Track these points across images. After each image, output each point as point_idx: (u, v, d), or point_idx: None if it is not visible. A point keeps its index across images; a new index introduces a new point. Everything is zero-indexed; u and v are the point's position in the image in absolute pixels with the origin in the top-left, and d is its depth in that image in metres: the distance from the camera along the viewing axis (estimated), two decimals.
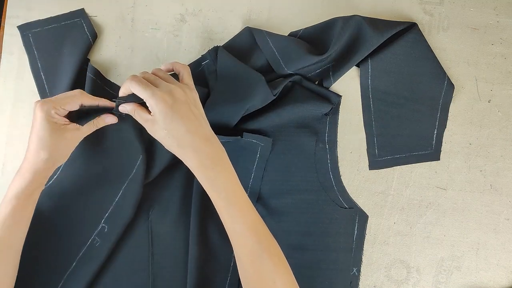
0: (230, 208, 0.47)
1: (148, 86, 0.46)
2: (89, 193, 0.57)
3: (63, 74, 0.61)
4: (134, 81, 0.46)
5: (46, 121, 0.47)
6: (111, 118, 0.53)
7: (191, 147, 0.46)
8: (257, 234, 0.46)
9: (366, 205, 0.60)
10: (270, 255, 0.46)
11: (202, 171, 0.47)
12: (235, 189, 0.48)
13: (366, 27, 0.58)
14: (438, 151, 0.60)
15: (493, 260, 0.59)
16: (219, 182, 0.47)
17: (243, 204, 0.48)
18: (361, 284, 0.59)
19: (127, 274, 0.57)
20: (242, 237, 0.46)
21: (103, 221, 0.56)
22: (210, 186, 0.47)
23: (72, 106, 0.49)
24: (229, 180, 0.48)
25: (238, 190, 0.48)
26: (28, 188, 0.48)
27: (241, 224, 0.46)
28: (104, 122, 0.53)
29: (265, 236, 0.47)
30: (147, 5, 0.64)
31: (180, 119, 0.46)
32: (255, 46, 0.61)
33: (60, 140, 0.49)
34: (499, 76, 0.61)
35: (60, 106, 0.48)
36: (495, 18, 0.61)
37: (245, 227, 0.46)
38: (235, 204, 0.47)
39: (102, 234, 0.56)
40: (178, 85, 0.48)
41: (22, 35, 0.63)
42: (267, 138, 0.59)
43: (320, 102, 0.59)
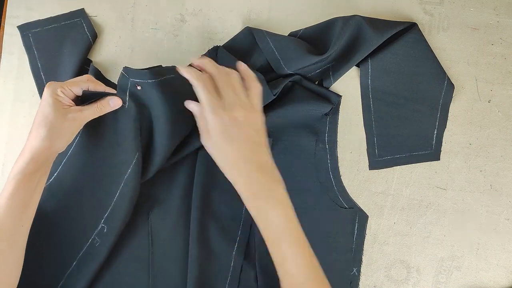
0: (281, 245, 0.43)
1: (212, 96, 0.44)
2: (88, 193, 0.57)
3: (63, 74, 0.61)
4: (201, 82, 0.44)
5: (51, 97, 0.48)
6: (116, 101, 0.51)
7: (241, 173, 0.44)
8: (310, 278, 0.43)
9: (366, 205, 0.60)
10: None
11: (250, 200, 0.44)
12: (287, 225, 0.44)
13: (366, 27, 0.58)
14: (438, 151, 0.60)
15: (493, 260, 0.59)
16: (269, 214, 0.44)
17: (297, 242, 0.44)
18: (361, 284, 0.59)
19: (127, 274, 0.57)
20: (292, 278, 0.43)
21: (103, 221, 0.56)
22: (259, 217, 0.44)
23: (78, 89, 0.50)
24: (281, 214, 0.44)
25: (291, 226, 0.44)
26: (27, 168, 0.47)
27: (292, 263, 0.43)
28: (109, 105, 0.51)
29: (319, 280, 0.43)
30: (147, 5, 0.64)
31: (232, 144, 0.44)
32: (255, 46, 0.61)
33: (62, 120, 0.48)
34: (499, 76, 0.61)
35: (67, 86, 0.49)
36: (495, 18, 0.61)
37: (296, 268, 0.43)
38: (287, 241, 0.43)
39: (102, 234, 0.55)
40: (243, 105, 0.45)
41: (22, 35, 0.63)
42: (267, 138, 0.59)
43: (320, 102, 0.59)
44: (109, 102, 0.51)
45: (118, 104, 0.52)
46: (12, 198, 0.46)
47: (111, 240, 0.56)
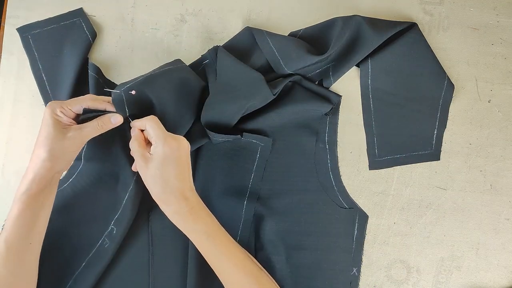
0: (214, 249, 0.49)
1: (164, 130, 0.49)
2: (99, 195, 0.57)
3: (65, 74, 0.61)
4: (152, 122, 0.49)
5: (51, 117, 0.49)
6: (117, 118, 0.52)
7: (177, 194, 0.48)
8: (245, 269, 0.48)
9: (366, 205, 0.60)
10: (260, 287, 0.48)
11: (182, 218, 0.48)
12: (215, 231, 0.50)
13: (366, 27, 0.58)
14: (438, 151, 0.60)
15: (493, 260, 0.59)
16: (198, 226, 0.49)
17: (227, 243, 0.49)
18: (361, 284, 0.59)
19: (127, 274, 0.57)
20: (230, 275, 0.48)
21: (113, 223, 0.56)
22: (191, 231, 0.49)
23: (79, 107, 0.50)
24: (209, 224, 0.50)
25: (218, 231, 0.50)
26: (30, 189, 0.48)
27: (227, 261, 0.49)
28: (110, 122, 0.52)
29: (253, 270, 0.49)
30: (147, 5, 0.64)
31: (177, 166, 0.48)
32: (255, 46, 0.61)
33: (62, 139, 0.49)
34: (499, 76, 0.61)
35: (67, 106, 0.50)
36: (495, 18, 0.61)
37: (231, 265, 0.48)
38: (219, 244, 0.49)
39: (111, 235, 0.56)
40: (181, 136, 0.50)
41: (22, 37, 0.63)
42: (267, 138, 0.59)
43: (320, 102, 0.59)
44: (111, 119, 0.52)
45: (120, 121, 0.52)
46: (18, 219, 0.47)
47: (118, 242, 0.56)
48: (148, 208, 0.59)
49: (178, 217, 0.48)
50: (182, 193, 0.48)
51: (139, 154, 0.49)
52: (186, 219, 0.48)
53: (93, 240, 0.56)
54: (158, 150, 0.47)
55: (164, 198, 0.48)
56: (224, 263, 0.49)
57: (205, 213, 0.50)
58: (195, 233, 0.49)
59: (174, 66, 0.57)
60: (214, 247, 0.49)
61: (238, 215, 0.58)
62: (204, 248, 0.49)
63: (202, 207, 0.50)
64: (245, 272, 0.48)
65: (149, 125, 0.49)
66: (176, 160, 0.48)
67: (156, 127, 0.49)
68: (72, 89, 0.59)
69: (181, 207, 0.48)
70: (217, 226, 0.50)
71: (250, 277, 0.48)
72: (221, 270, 0.49)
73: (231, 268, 0.48)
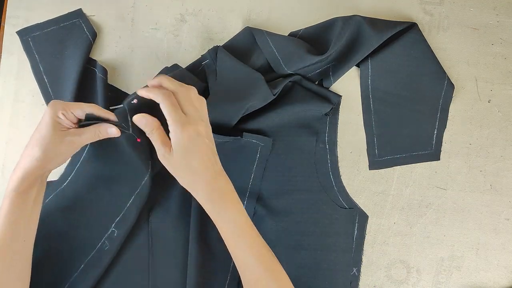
0: (239, 240, 0.47)
1: (177, 109, 0.46)
2: (101, 196, 0.57)
3: (67, 76, 0.61)
4: (167, 100, 0.46)
5: (51, 118, 0.47)
6: (114, 130, 0.50)
7: (204, 181, 0.47)
8: (265, 263, 0.47)
9: (366, 205, 0.60)
10: (278, 285, 0.46)
11: (211, 204, 0.47)
12: (243, 221, 0.48)
13: (366, 27, 0.58)
14: (438, 151, 0.60)
15: (493, 260, 0.59)
16: (228, 214, 0.47)
17: (251, 235, 0.48)
18: (361, 284, 0.59)
19: (127, 274, 0.57)
20: (251, 267, 0.47)
21: (114, 225, 0.56)
22: (220, 218, 0.48)
23: (81, 112, 0.49)
24: (237, 211, 0.48)
25: (246, 221, 0.48)
26: (20, 186, 0.47)
27: (250, 255, 0.47)
28: (106, 133, 0.50)
29: (273, 265, 0.47)
30: (147, 5, 0.64)
31: (199, 153, 0.47)
32: (255, 46, 0.61)
33: (59, 142, 0.48)
34: (499, 76, 0.61)
35: (69, 109, 0.48)
36: (495, 18, 0.61)
37: (254, 257, 0.47)
38: (245, 235, 0.48)
39: (112, 238, 0.55)
40: (202, 118, 0.48)
41: (22, 40, 0.63)
42: (267, 138, 0.59)
43: (320, 102, 0.59)
44: (107, 130, 0.50)
45: (115, 134, 0.50)
46: (8, 216, 0.47)
47: (119, 244, 0.56)
48: (148, 208, 0.59)
49: (210, 206, 0.47)
50: (211, 180, 0.47)
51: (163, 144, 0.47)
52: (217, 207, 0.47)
53: (93, 242, 0.56)
54: (176, 140, 0.46)
55: (194, 187, 0.47)
56: (246, 255, 0.47)
57: (235, 200, 0.49)
58: (223, 222, 0.48)
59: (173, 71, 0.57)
60: (239, 239, 0.47)
61: None
62: (229, 238, 0.48)
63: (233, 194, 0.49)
64: (266, 266, 0.47)
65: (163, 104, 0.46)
66: (197, 146, 0.46)
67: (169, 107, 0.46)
68: (75, 90, 0.59)
69: (211, 194, 0.47)
70: (245, 216, 0.49)
71: (269, 271, 0.47)
72: (242, 262, 0.47)
73: (252, 261, 0.47)
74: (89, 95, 0.61)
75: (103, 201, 0.57)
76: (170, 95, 0.47)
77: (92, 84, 0.61)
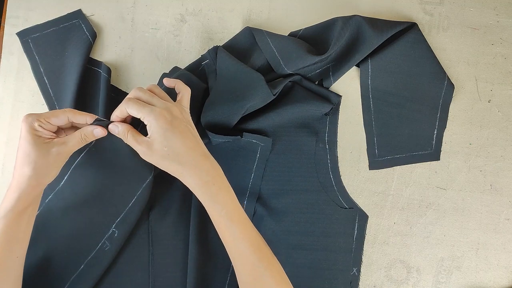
0: (232, 226, 0.46)
1: (145, 104, 0.46)
2: (101, 197, 0.56)
3: (67, 76, 0.61)
4: (130, 102, 0.46)
5: (29, 133, 0.45)
6: (99, 131, 0.49)
7: (192, 163, 0.46)
8: (259, 252, 0.46)
9: (366, 205, 0.60)
10: (272, 273, 0.46)
11: (202, 188, 0.46)
12: (235, 207, 0.48)
13: (366, 27, 0.58)
14: (438, 151, 0.60)
15: (493, 260, 0.59)
16: (219, 198, 0.47)
17: (244, 222, 0.47)
18: (361, 284, 0.59)
19: (127, 274, 0.57)
20: (243, 255, 0.46)
21: (114, 226, 0.55)
22: (211, 203, 0.47)
23: (58, 120, 0.47)
24: (229, 197, 0.48)
25: (238, 207, 0.48)
26: (17, 207, 0.46)
27: (242, 241, 0.46)
28: (93, 135, 0.49)
29: (267, 254, 0.47)
30: (147, 5, 0.64)
31: (180, 135, 0.46)
32: (255, 46, 0.61)
33: (46, 156, 0.46)
34: (499, 76, 0.61)
35: (44, 119, 0.46)
36: (495, 18, 0.61)
37: (247, 245, 0.46)
38: (237, 221, 0.47)
39: (112, 238, 0.55)
40: (174, 104, 0.48)
41: (22, 41, 0.63)
42: (267, 138, 0.59)
43: (320, 102, 0.59)
44: (93, 132, 0.48)
45: (102, 133, 0.49)
46: (4, 236, 0.46)
47: (119, 244, 0.56)
48: (148, 208, 0.58)
49: (201, 190, 0.46)
50: (198, 162, 0.46)
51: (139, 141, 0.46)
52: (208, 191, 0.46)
53: (93, 242, 0.55)
54: (153, 127, 0.45)
55: (182, 172, 0.46)
56: (239, 242, 0.46)
57: (226, 186, 0.48)
58: (215, 207, 0.46)
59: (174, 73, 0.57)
60: (232, 224, 0.46)
61: None
62: (221, 224, 0.47)
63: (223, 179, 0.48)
64: (260, 255, 0.46)
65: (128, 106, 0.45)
66: (175, 127, 0.45)
67: (136, 106, 0.45)
68: (76, 91, 0.59)
69: (200, 176, 0.46)
70: (237, 202, 0.48)
71: (263, 261, 0.46)
72: (235, 249, 0.47)
73: (246, 249, 0.46)
74: (91, 95, 0.61)
75: (104, 202, 0.56)
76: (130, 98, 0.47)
77: (93, 85, 0.61)
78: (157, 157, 0.46)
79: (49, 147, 0.46)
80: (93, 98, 0.60)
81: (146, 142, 0.46)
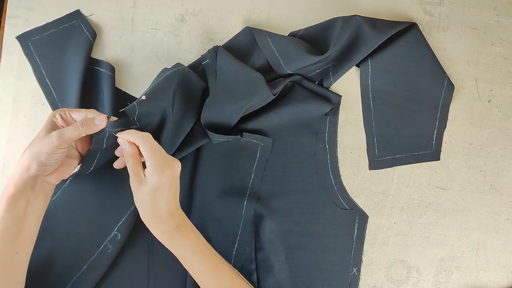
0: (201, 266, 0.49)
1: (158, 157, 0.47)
2: (105, 198, 0.56)
3: (69, 77, 0.61)
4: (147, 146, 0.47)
5: (47, 119, 0.48)
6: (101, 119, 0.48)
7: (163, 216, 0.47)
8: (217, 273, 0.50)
9: (366, 205, 0.60)
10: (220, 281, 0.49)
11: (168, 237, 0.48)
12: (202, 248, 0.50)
13: (366, 27, 0.58)
14: (438, 151, 0.60)
15: (493, 260, 0.59)
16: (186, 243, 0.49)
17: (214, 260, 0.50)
18: (361, 284, 0.59)
19: (127, 274, 0.57)
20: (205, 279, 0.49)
21: (116, 229, 0.55)
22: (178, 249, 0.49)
23: (78, 115, 0.49)
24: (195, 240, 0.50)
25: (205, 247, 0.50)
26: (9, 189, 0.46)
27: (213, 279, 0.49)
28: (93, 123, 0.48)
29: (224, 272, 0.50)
30: (147, 5, 0.64)
31: (169, 194, 0.47)
32: (255, 46, 0.61)
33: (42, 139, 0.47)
34: (499, 76, 0.61)
35: (68, 111, 0.49)
36: (495, 18, 0.61)
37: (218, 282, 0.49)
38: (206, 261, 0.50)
39: (114, 241, 0.55)
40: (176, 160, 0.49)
41: (22, 44, 0.63)
42: (267, 138, 0.59)
43: (320, 102, 0.59)
44: (95, 120, 0.48)
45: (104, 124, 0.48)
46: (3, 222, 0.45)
47: (120, 247, 0.56)
48: None
49: (165, 237, 0.48)
50: (169, 214, 0.48)
51: (135, 173, 0.48)
52: (173, 237, 0.48)
53: (96, 243, 0.55)
54: (154, 178, 0.46)
55: (151, 221, 0.48)
56: (210, 280, 0.49)
57: (191, 230, 0.50)
58: (182, 249, 0.49)
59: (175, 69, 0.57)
60: (201, 264, 0.49)
61: (238, 215, 0.58)
62: (191, 265, 0.49)
63: (188, 223, 0.50)
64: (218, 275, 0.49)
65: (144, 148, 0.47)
66: (168, 187, 0.47)
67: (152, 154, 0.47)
68: (79, 91, 0.59)
69: (167, 226, 0.48)
70: (204, 243, 0.51)
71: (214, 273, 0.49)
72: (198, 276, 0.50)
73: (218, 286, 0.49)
74: (95, 95, 0.61)
75: (108, 204, 0.56)
76: (148, 137, 0.48)
77: (97, 84, 0.61)
78: (139, 198, 0.48)
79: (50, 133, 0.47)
80: (97, 98, 0.60)
81: (140, 179, 0.47)
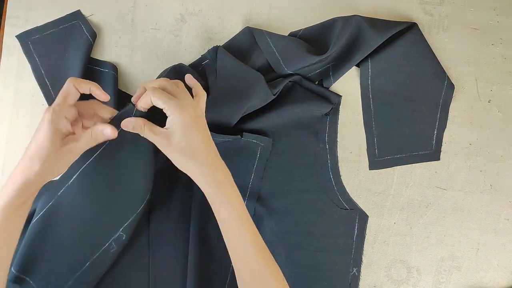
0: (240, 226, 0.46)
1: (170, 96, 0.45)
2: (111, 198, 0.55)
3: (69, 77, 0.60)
4: (157, 92, 0.45)
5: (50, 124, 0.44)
6: (108, 131, 0.47)
7: (207, 163, 0.46)
8: (261, 252, 0.46)
9: (366, 205, 0.60)
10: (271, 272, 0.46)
11: (215, 188, 0.46)
12: (243, 208, 0.48)
13: (366, 27, 0.58)
14: (438, 151, 0.60)
15: (493, 260, 0.59)
16: (230, 199, 0.46)
17: (250, 223, 0.47)
18: (361, 284, 0.59)
19: (127, 274, 0.57)
20: (247, 255, 0.46)
21: (121, 230, 0.55)
22: (222, 203, 0.46)
23: (71, 95, 0.47)
24: (238, 198, 0.47)
25: (245, 209, 0.48)
26: (17, 200, 0.44)
27: (248, 241, 0.46)
28: (102, 135, 0.47)
29: (267, 254, 0.47)
30: (147, 5, 0.64)
31: (201, 131, 0.46)
32: (255, 46, 0.61)
33: (58, 152, 0.45)
34: (499, 76, 0.61)
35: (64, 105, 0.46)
36: (495, 18, 0.61)
37: (251, 245, 0.46)
38: (245, 222, 0.47)
39: (119, 241, 0.54)
40: (197, 102, 0.48)
41: (22, 43, 0.63)
42: (267, 138, 0.59)
43: (320, 102, 0.59)
44: (103, 131, 0.47)
45: (112, 134, 0.47)
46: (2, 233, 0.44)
47: (122, 247, 0.55)
48: (148, 209, 0.58)
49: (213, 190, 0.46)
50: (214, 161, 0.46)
51: (156, 133, 0.45)
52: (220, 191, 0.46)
53: (100, 241, 0.54)
54: (176, 120, 0.44)
55: (195, 168, 0.46)
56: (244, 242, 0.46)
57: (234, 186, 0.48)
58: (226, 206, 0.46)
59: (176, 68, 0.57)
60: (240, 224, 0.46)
61: None
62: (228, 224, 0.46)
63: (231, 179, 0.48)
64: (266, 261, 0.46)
65: (154, 96, 0.45)
66: (197, 125, 0.45)
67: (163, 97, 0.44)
68: None
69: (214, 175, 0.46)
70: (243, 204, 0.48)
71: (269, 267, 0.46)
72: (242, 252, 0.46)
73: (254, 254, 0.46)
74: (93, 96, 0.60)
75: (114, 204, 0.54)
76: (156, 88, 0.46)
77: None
78: (174, 151, 0.46)
79: (63, 144, 0.45)
80: None
81: (165, 133, 0.45)
